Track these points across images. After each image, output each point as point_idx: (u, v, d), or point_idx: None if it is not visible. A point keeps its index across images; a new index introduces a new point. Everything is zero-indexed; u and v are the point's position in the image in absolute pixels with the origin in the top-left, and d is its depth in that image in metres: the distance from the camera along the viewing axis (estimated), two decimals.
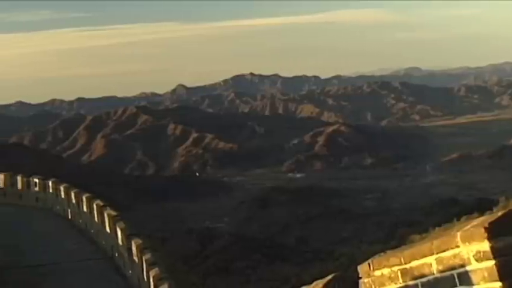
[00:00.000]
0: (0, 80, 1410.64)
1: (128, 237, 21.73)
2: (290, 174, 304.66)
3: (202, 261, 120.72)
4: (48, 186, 35.16)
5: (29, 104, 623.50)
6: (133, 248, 20.72)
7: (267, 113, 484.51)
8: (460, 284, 6.14)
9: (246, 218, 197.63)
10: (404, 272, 6.87)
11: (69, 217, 31.85)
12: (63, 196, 32.80)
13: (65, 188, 32.72)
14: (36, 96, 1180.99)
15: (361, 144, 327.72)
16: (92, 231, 27.82)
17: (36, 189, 36.24)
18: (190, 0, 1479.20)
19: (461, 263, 6.06)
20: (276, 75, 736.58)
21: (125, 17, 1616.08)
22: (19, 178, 37.77)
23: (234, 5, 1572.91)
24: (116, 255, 23.95)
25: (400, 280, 6.94)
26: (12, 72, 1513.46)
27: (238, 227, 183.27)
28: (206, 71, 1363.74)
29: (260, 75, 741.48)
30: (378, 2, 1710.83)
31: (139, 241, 20.57)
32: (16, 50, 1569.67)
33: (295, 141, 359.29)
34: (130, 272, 21.70)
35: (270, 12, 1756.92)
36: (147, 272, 18.60)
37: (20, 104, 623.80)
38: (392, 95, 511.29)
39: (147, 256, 19.23)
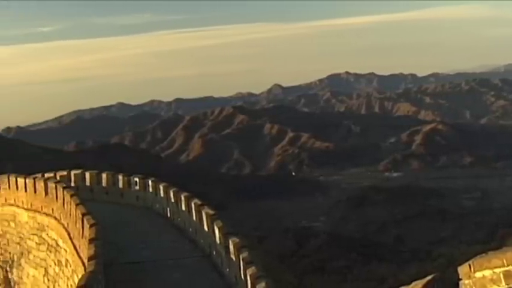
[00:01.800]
0: (102, 82, 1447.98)
1: (225, 236, 21.94)
2: (387, 174, 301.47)
3: (298, 260, 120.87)
4: (148, 185, 35.84)
5: (129, 105, 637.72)
6: (231, 247, 20.91)
7: (363, 111, 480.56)
8: None
9: (342, 217, 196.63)
10: (507, 275, 6.70)
11: (168, 215, 32.37)
12: (162, 195, 33.38)
13: (164, 187, 33.28)
14: (136, 97, 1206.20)
15: (459, 143, 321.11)
16: (190, 229, 28.19)
17: (137, 188, 37.03)
18: (285, 0, 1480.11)
19: None
20: (371, 74, 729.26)
21: (220, 18, 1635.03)
22: (120, 177, 38.65)
23: (328, 4, 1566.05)
24: (214, 253, 24.22)
25: (503, 283, 6.77)
26: (113, 74, 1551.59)
27: (334, 226, 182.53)
28: (302, 70, 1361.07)
29: (356, 74, 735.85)
30: None
31: (237, 240, 20.73)
32: (117, 52, 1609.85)
33: (392, 140, 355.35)
34: (227, 270, 21.91)
35: (365, 10, 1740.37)
36: (244, 271, 18.73)
37: (121, 105, 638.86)
38: (492, 93, 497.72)
39: (244, 255, 19.36)
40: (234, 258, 20.59)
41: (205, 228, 25.08)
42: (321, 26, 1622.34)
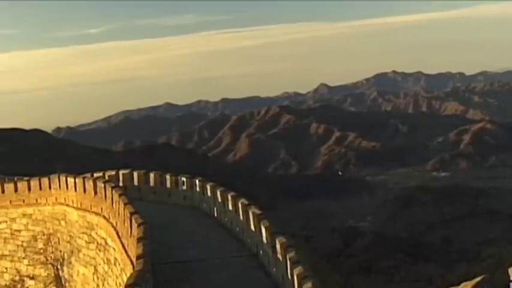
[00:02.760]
0: (150, 83, 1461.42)
1: (272, 235, 21.97)
2: (434, 173, 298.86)
3: (345, 260, 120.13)
4: (195, 184, 36.11)
5: (176, 105, 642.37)
6: (278, 246, 20.93)
7: (410, 111, 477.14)
8: None
9: (389, 217, 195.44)
10: None
11: (215, 215, 32.56)
12: (209, 194, 33.59)
13: (211, 186, 33.48)
14: (183, 98, 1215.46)
15: (509, 142, 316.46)
16: (237, 229, 28.31)
17: (184, 187, 37.30)
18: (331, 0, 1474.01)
19: None
20: (419, 73, 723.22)
21: (266, 18, 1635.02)
22: (168, 177, 38.99)
23: (375, 3, 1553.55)
24: (261, 252, 24.28)
25: None
26: (160, 74, 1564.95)
27: (381, 226, 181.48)
28: (348, 69, 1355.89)
29: (403, 73, 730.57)
30: None
31: (284, 239, 20.75)
32: (164, 53, 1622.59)
33: (440, 140, 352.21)
34: (274, 269, 21.94)
35: (412, 8, 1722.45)
36: (291, 270, 18.76)
37: (168, 106, 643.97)
38: None
39: (291, 254, 19.38)
40: (280, 258, 20.64)
41: (252, 227, 25.19)
42: (367, 25, 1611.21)
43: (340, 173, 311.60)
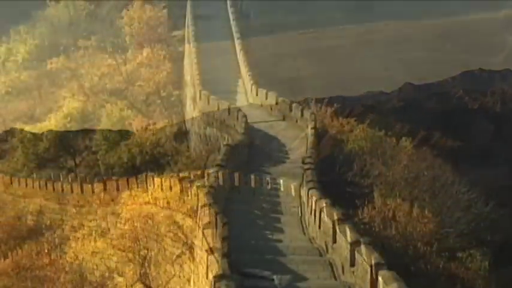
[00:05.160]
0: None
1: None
2: None
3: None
4: (279, 184, 36.13)
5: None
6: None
7: (497, 109, 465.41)
8: None
9: (475, 219, 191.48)
10: None
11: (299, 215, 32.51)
12: (293, 194, 33.61)
13: (294, 186, 33.51)
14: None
15: None
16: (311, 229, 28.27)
17: (268, 187, 37.33)
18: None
19: None
20: (507, 70, 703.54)
21: (345, 17, 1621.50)
22: (252, 177, 38.93)
23: (457, 3, 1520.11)
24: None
25: None
26: None
27: (466, 227, 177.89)
28: (433, 68, 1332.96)
29: (490, 71, 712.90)
30: None
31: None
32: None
33: None
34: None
35: (499, 4, 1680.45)
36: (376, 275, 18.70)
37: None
38: None
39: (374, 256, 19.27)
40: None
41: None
42: (452, 22, 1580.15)
43: (425, 173, 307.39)
